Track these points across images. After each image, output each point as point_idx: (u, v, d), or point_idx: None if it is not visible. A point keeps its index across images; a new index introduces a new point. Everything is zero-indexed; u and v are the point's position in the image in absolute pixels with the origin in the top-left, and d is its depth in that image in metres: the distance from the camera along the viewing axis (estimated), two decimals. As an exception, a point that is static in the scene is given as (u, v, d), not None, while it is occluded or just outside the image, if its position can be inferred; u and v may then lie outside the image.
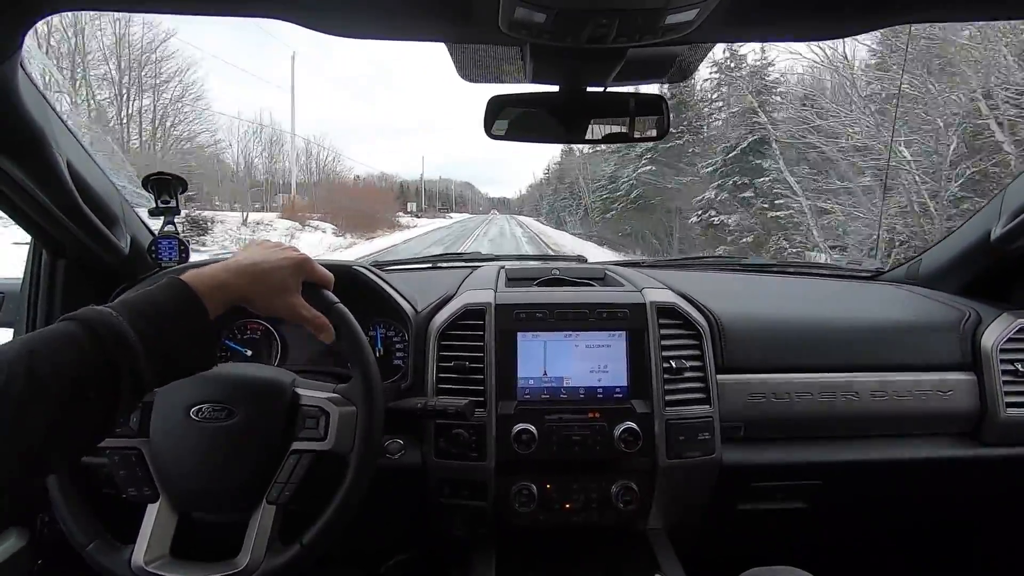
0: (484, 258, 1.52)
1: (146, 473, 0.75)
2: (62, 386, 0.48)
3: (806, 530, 1.22)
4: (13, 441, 0.45)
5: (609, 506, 0.97)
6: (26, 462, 0.47)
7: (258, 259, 0.67)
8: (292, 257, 0.70)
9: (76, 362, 0.49)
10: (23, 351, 0.48)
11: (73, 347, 0.50)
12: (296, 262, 0.70)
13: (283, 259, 0.69)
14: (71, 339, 0.50)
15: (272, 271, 0.68)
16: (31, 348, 0.48)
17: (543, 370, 0.98)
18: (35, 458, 0.47)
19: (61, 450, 0.50)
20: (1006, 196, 1.11)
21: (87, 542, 0.73)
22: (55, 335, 0.50)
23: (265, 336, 1.08)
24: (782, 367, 1.04)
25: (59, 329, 0.51)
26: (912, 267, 1.37)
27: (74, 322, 0.52)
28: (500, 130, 0.87)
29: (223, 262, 0.66)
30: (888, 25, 0.69)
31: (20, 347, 0.48)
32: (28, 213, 0.88)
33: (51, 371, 0.47)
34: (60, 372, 0.48)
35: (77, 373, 0.49)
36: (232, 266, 0.65)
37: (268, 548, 0.72)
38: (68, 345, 0.50)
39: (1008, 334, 1.05)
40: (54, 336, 0.50)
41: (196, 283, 0.60)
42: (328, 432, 0.75)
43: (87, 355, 0.50)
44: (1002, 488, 1.13)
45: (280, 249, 0.71)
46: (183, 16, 0.70)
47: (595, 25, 0.56)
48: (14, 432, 0.45)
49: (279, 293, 0.68)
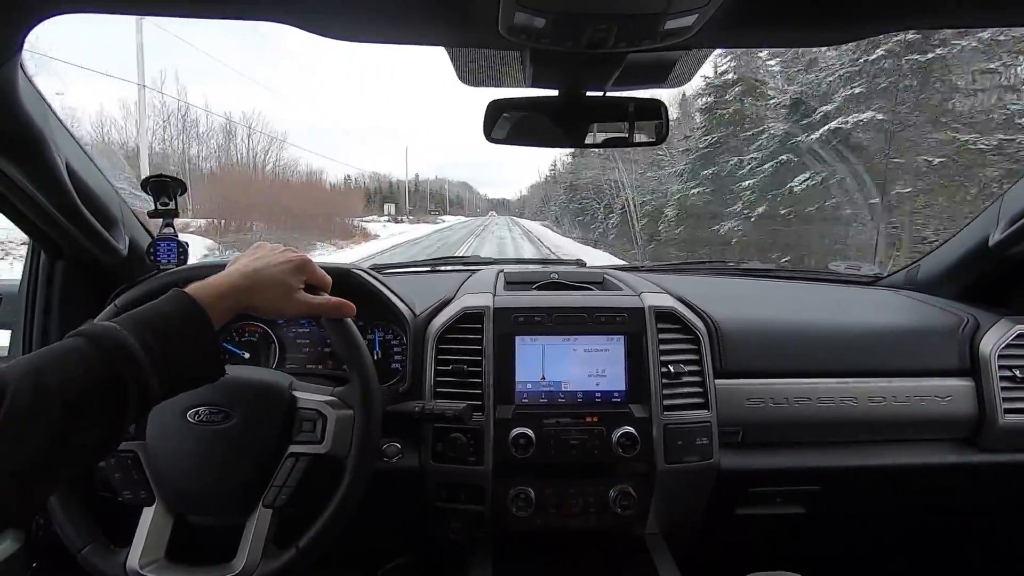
0: (483, 261, 1.52)
1: (142, 476, 0.74)
2: (69, 401, 0.48)
3: (804, 535, 1.21)
4: (19, 456, 0.46)
5: (607, 511, 0.97)
6: (33, 476, 0.47)
7: (259, 265, 0.68)
8: (292, 259, 0.71)
9: (83, 377, 0.50)
10: (30, 367, 0.48)
11: (80, 362, 0.50)
12: (296, 264, 0.71)
13: (283, 262, 0.70)
14: (77, 354, 0.51)
15: (274, 276, 0.68)
16: (38, 364, 0.49)
17: (541, 374, 0.98)
18: (42, 472, 0.48)
19: (68, 463, 0.50)
20: (1004, 202, 1.11)
21: (82, 545, 0.73)
22: (61, 351, 0.51)
23: (263, 338, 1.07)
24: (780, 372, 1.04)
25: (65, 345, 0.52)
26: (911, 272, 1.37)
27: (80, 338, 0.52)
28: (499, 134, 0.87)
29: (225, 271, 0.67)
30: (886, 32, 0.69)
31: (27, 363, 0.49)
32: (27, 214, 0.88)
33: (58, 386, 0.48)
34: (67, 387, 0.48)
35: (84, 388, 0.49)
36: (234, 274, 0.66)
37: (264, 552, 0.72)
38: (75, 360, 0.50)
39: (1006, 340, 1.05)
40: (60, 352, 0.51)
41: (200, 294, 0.60)
42: (325, 435, 0.75)
43: (93, 370, 0.50)
44: (1000, 494, 1.13)
45: (280, 252, 0.72)
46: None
47: (594, 30, 0.57)
48: (22, 446, 0.46)
49: (283, 296, 0.69)
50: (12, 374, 0.47)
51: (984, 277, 1.21)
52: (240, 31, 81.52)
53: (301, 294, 0.71)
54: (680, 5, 0.52)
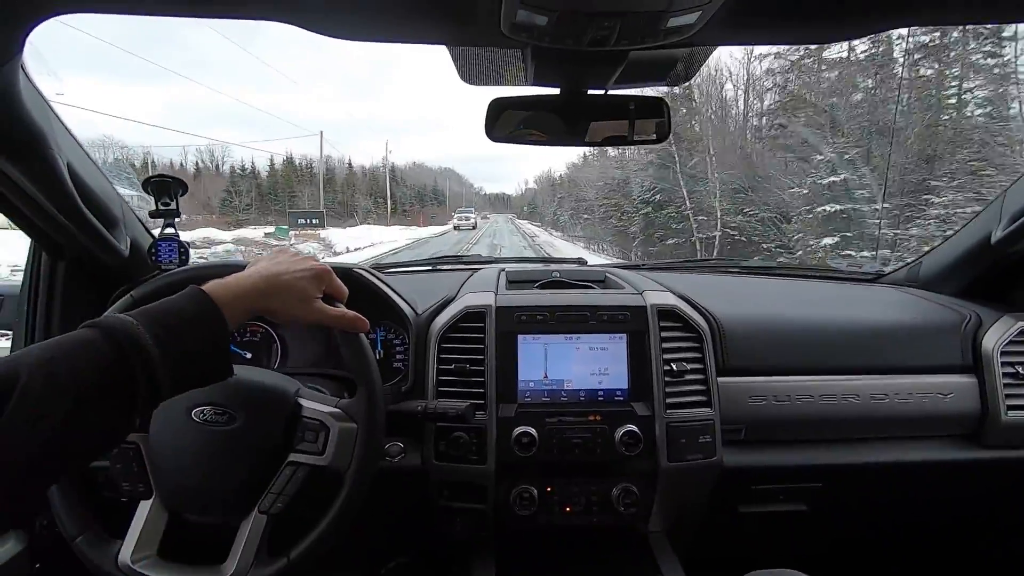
0: (484, 260, 1.52)
1: (142, 469, 0.74)
2: (80, 390, 0.48)
3: (807, 532, 1.21)
4: (28, 446, 0.46)
5: (610, 509, 0.97)
6: (40, 463, 0.47)
7: (279, 270, 0.68)
8: (313, 268, 0.71)
9: (94, 367, 0.50)
10: (43, 355, 0.48)
11: (92, 353, 0.50)
12: (317, 273, 0.71)
13: (304, 270, 0.70)
14: (90, 345, 0.51)
15: (293, 282, 0.68)
16: (50, 355, 0.49)
17: (544, 373, 0.98)
18: (49, 460, 0.48)
19: (74, 454, 0.50)
20: (1006, 199, 1.11)
21: (77, 534, 0.73)
22: (75, 341, 0.51)
23: (265, 339, 1.07)
24: (783, 369, 1.04)
25: (79, 335, 0.52)
26: (912, 269, 1.37)
27: (94, 329, 0.52)
28: (501, 132, 0.87)
29: (244, 272, 0.67)
30: (887, 29, 0.69)
31: (40, 351, 0.49)
32: (28, 215, 0.88)
33: (69, 375, 0.48)
34: (78, 376, 0.49)
35: (95, 378, 0.49)
36: (255, 276, 0.66)
37: (255, 559, 0.71)
38: (87, 351, 0.50)
39: (1009, 336, 1.05)
40: (74, 342, 0.51)
41: (217, 293, 0.60)
42: (326, 447, 0.74)
43: (106, 361, 0.50)
44: (1003, 491, 1.13)
45: (301, 260, 0.72)
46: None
47: (597, 28, 0.57)
48: (31, 434, 0.46)
49: (301, 303, 0.69)
50: (24, 363, 0.47)
51: (986, 274, 1.21)
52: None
53: (319, 303, 0.71)
54: (682, 3, 0.51)
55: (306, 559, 0.72)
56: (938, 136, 9.07)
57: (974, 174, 8.08)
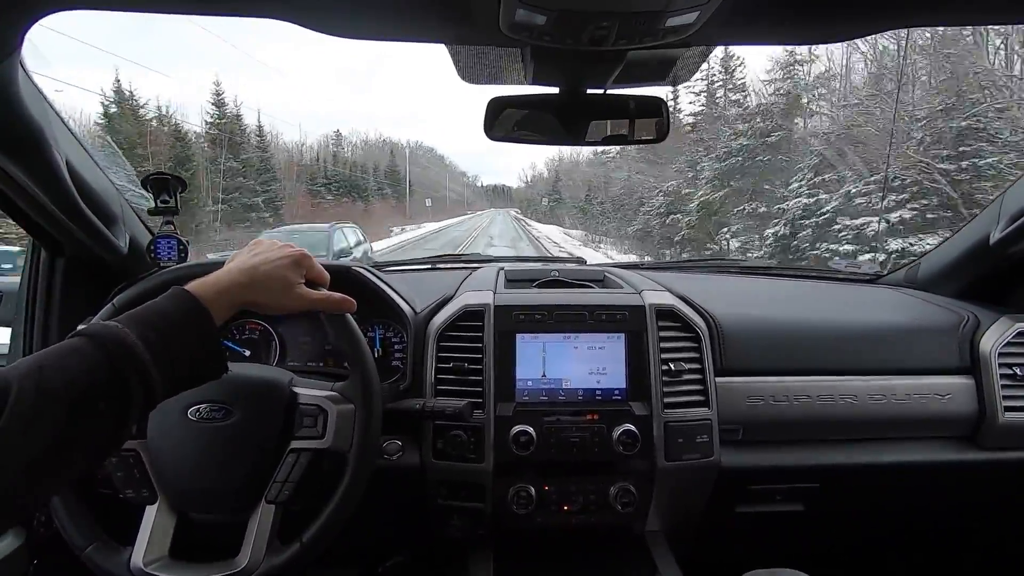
0: (483, 259, 1.52)
1: (144, 474, 0.74)
2: (72, 400, 0.48)
3: (804, 533, 1.22)
4: (24, 455, 0.46)
5: (607, 508, 0.97)
6: (38, 472, 0.47)
7: (258, 261, 0.68)
8: (291, 254, 0.71)
9: (85, 376, 0.50)
10: (33, 367, 0.48)
11: (82, 361, 0.50)
12: (296, 259, 0.71)
13: (282, 257, 0.70)
14: (80, 354, 0.51)
15: (273, 271, 0.68)
16: (40, 364, 0.49)
17: (542, 372, 0.98)
18: (47, 468, 0.48)
19: (72, 463, 0.50)
20: (1005, 200, 1.11)
21: (86, 545, 0.73)
22: (64, 351, 0.51)
23: (263, 336, 1.07)
24: (781, 370, 1.04)
25: (67, 345, 0.52)
26: (911, 271, 1.37)
27: (82, 337, 0.52)
28: (500, 131, 0.87)
29: (224, 268, 0.67)
30: (887, 29, 0.69)
31: (30, 363, 0.49)
32: (27, 212, 0.87)
33: (61, 386, 0.48)
34: (70, 386, 0.49)
35: (87, 387, 0.50)
36: (233, 271, 0.66)
37: (268, 547, 0.72)
38: (77, 360, 0.50)
39: (1007, 338, 1.05)
40: (63, 352, 0.51)
41: (200, 292, 0.61)
42: (326, 430, 0.75)
43: (96, 369, 0.51)
44: (1000, 492, 1.13)
45: (278, 248, 0.72)
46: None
47: (595, 27, 0.57)
48: (25, 446, 0.46)
49: (284, 291, 0.69)
50: (14, 374, 0.47)
51: (984, 275, 1.21)
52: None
53: (302, 288, 0.71)
54: (681, 2, 0.51)
55: (318, 542, 0.73)
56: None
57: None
